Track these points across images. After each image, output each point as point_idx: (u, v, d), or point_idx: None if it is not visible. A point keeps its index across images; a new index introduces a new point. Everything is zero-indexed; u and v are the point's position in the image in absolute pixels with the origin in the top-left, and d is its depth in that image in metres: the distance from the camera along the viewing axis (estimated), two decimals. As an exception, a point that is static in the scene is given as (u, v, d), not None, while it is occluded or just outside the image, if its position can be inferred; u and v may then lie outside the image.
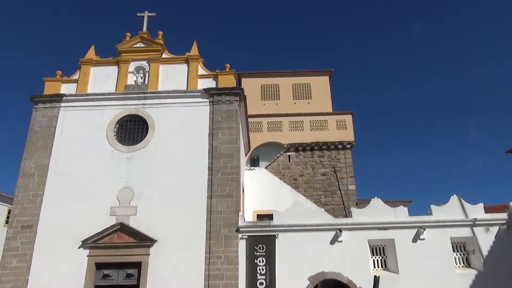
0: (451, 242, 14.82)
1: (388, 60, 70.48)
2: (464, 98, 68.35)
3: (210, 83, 17.64)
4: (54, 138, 16.77)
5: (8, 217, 24.87)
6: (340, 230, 14.70)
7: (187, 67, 18.06)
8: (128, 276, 14.69)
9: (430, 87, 68.52)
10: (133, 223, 15.11)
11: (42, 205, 15.59)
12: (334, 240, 14.72)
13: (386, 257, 14.95)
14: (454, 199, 15.42)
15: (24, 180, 15.99)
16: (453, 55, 68.64)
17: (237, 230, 14.89)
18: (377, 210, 15.28)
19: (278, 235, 14.85)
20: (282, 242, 14.73)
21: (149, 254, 14.72)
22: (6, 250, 14.98)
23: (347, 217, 21.32)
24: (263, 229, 15.04)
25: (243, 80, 28.36)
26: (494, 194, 62.05)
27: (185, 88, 17.52)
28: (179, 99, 17.30)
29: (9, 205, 24.89)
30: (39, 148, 16.55)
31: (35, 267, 14.67)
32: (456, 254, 14.91)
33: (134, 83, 17.93)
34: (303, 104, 27.80)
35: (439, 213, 15.13)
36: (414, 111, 68.12)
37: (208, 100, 17.19)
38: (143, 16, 19.24)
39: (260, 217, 20.69)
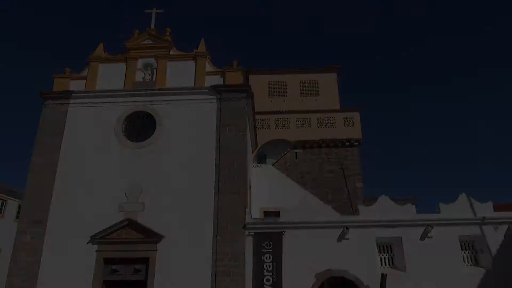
0: (459, 241, 14.74)
1: (396, 57, 69.89)
2: (474, 96, 67.63)
3: (217, 80, 17.66)
4: (64, 134, 16.94)
5: (18, 212, 25.21)
6: (347, 228, 14.68)
7: (194, 64, 18.09)
8: (136, 271, 14.83)
9: (439, 84, 67.89)
10: (141, 219, 15.24)
11: (51, 200, 15.78)
12: (341, 238, 14.71)
13: (393, 255, 14.91)
14: (462, 197, 15.31)
15: (34, 176, 16.20)
16: (461, 53, 67.85)
17: (244, 227, 14.94)
18: (385, 207, 15.22)
19: (285, 232, 14.87)
20: (289, 239, 14.75)
21: (156, 250, 14.83)
22: (16, 244, 15.20)
23: (354, 214, 21.26)
24: (270, 226, 15.08)
25: (251, 77, 28.25)
26: (504, 193, 61.47)
27: (193, 85, 17.58)
28: (187, 96, 17.36)
29: (20, 200, 25.28)
30: (48, 144, 16.73)
31: (45, 262, 14.86)
32: (464, 253, 14.83)
33: (142, 80, 18.02)
34: (310, 101, 27.61)
35: (447, 211, 15.04)
36: (422, 109, 67.62)
37: (215, 97, 17.22)
38: (151, 12, 19.33)
39: (267, 214, 20.74)
